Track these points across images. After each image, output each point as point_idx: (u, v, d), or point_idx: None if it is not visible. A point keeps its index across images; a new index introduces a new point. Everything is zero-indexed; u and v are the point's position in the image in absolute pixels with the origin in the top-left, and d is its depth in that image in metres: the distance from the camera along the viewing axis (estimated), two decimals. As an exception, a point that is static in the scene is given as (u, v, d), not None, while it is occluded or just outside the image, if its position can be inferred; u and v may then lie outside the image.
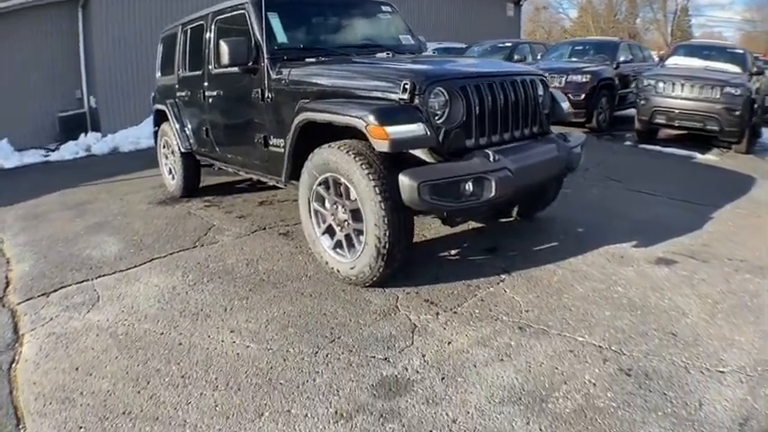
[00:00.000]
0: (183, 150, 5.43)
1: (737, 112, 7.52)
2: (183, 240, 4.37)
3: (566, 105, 4.09)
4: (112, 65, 10.47)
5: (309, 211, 3.55)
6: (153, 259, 3.99)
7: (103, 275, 3.74)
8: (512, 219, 4.48)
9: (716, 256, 3.78)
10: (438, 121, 3.09)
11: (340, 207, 3.35)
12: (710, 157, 7.60)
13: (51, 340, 2.91)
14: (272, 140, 4.03)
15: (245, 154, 4.56)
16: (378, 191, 2.97)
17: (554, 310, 3.03)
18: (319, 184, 3.42)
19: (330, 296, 3.27)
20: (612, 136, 9.23)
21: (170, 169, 5.94)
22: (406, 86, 3.04)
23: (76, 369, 2.62)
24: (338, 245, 3.42)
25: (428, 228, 4.33)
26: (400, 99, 3.07)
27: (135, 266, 3.88)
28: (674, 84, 8.07)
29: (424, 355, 2.61)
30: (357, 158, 3.06)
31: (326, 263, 3.48)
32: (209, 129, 5.03)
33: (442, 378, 2.43)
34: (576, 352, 2.62)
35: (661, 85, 8.22)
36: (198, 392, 2.39)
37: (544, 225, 4.46)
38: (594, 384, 2.37)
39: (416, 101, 3.04)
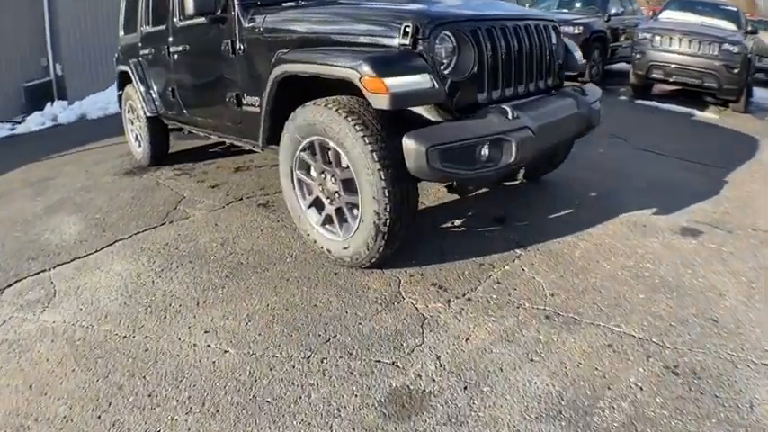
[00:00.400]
0: (148, 114, 4.89)
1: (736, 70, 7.40)
2: (150, 217, 3.84)
3: (578, 55, 3.64)
4: (78, 28, 9.89)
5: (292, 181, 3.06)
6: (116, 241, 3.47)
7: (62, 264, 3.23)
8: (517, 182, 4.05)
9: (740, 226, 3.49)
10: (444, 72, 2.60)
11: (329, 176, 2.86)
12: (710, 116, 7.38)
13: (4, 349, 2.44)
14: (246, 99, 3.49)
15: (215, 116, 4.01)
16: (376, 158, 2.48)
17: (582, 292, 2.64)
18: (303, 150, 2.91)
19: (320, 281, 2.82)
20: (606, 90, 8.78)
21: (136, 136, 5.37)
22: (408, 29, 2.52)
23: (30, 387, 2.17)
24: (328, 220, 2.94)
25: (427, 194, 3.87)
26: (401, 45, 2.56)
27: (96, 251, 3.36)
28: (671, 38, 7.84)
29: (439, 357, 2.19)
30: (349, 118, 2.56)
31: (315, 241, 3.01)
32: (175, 89, 4.47)
33: (465, 387, 2.02)
34: (615, 346, 2.24)
35: (658, 38, 7.98)
36: (168, 416, 1.94)
37: (554, 189, 4.05)
38: (641, 388, 2.00)
39: (420, 47, 2.53)
